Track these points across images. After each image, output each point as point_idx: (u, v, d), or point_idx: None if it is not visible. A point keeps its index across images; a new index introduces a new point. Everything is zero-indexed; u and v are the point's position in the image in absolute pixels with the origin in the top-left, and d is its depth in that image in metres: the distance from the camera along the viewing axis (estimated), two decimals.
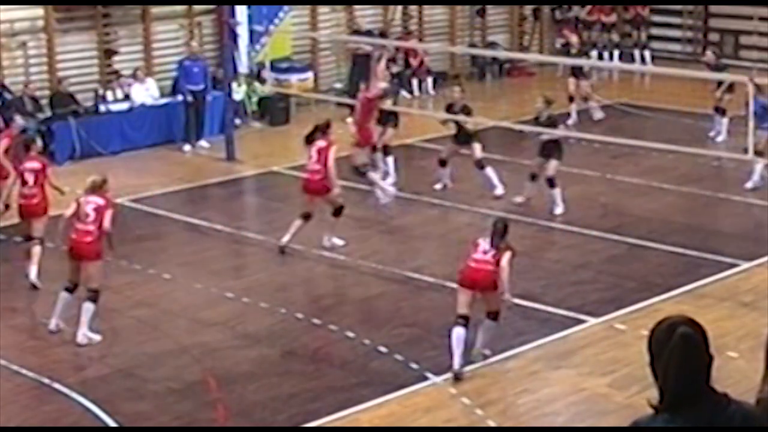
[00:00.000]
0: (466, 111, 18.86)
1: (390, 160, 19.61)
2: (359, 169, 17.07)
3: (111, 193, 14.06)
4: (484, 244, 12.63)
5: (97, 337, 13.48)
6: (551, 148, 17.82)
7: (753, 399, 4.47)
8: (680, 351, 4.13)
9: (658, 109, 24.42)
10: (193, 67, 22.57)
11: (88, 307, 13.39)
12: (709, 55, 22.45)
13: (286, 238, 16.26)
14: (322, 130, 16.41)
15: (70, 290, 13.65)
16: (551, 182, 17.75)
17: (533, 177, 18.04)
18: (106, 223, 13.49)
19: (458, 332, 12.33)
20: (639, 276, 15.41)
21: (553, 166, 17.74)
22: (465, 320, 12.38)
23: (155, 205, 18.61)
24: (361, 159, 17.05)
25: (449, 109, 19.08)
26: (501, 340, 13.18)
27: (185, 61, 22.70)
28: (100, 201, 13.61)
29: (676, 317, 4.23)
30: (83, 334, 13.37)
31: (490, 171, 18.65)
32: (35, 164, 15.59)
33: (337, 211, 16.40)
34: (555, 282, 15.05)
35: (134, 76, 22.69)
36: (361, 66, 24.63)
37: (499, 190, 18.46)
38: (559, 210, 17.71)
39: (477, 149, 18.73)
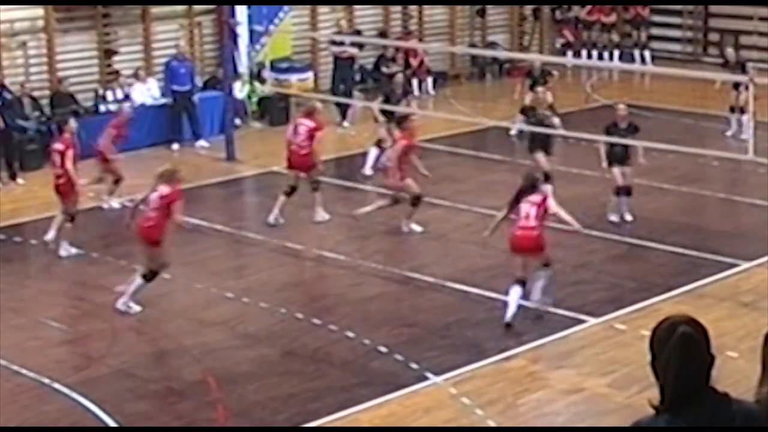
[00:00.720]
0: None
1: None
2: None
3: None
4: (524, 207, 13.52)
5: (136, 307, 14.10)
6: (624, 156, 17.13)
7: (752, 400, 4.47)
8: (680, 350, 4.12)
9: (658, 109, 24.41)
10: (180, 67, 22.60)
11: (138, 282, 14.10)
12: (731, 53, 22.44)
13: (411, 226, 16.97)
14: (397, 122, 17.11)
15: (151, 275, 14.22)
16: (629, 190, 17.27)
17: (618, 191, 17.27)
18: (176, 215, 14.13)
19: (516, 289, 13.39)
20: (639, 276, 15.41)
21: (630, 173, 17.20)
22: (522, 282, 13.48)
23: None
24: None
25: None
26: (501, 340, 13.21)
27: (172, 61, 22.71)
28: (166, 190, 14.16)
29: (678, 316, 4.22)
30: (123, 302, 14.07)
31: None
32: (59, 146, 16.47)
33: (415, 200, 16.87)
34: (555, 282, 15.02)
35: (136, 75, 22.69)
36: (342, 69, 24.65)
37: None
38: (629, 217, 17.20)
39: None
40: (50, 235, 16.24)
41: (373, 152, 20.07)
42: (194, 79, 22.93)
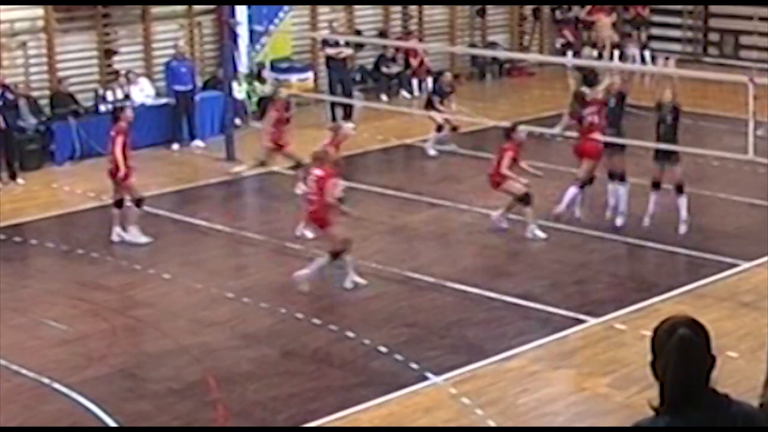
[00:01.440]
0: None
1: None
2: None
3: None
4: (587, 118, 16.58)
5: (361, 281, 14.84)
6: (670, 151, 16.74)
7: (754, 401, 4.47)
8: (678, 352, 4.12)
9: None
10: (180, 67, 22.59)
11: (322, 261, 14.74)
12: None
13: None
14: (507, 133, 17.22)
15: (333, 255, 14.76)
16: (680, 188, 16.83)
17: (654, 185, 16.92)
18: (326, 195, 14.53)
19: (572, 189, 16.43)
20: (639, 276, 15.42)
21: (679, 172, 16.79)
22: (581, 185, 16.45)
23: (155, 205, 18.58)
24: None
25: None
26: (501, 340, 13.21)
27: (172, 61, 22.70)
28: (320, 172, 14.66)
29: (680, 317, 4.21)
30: (350, 279, 14.79)
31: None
32: (112, 132, 16.91)
33: (524, 199, 16.72)
34: (555, 282, 15.04)
35: (126, 78, 22.62)
36: (339, 70, 24.63)
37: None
38: (683, 229, 16.70)
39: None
40: (125, 232, 16.77)
41: (434, 134, 21.38)
42: (195, 78, 22.92)
